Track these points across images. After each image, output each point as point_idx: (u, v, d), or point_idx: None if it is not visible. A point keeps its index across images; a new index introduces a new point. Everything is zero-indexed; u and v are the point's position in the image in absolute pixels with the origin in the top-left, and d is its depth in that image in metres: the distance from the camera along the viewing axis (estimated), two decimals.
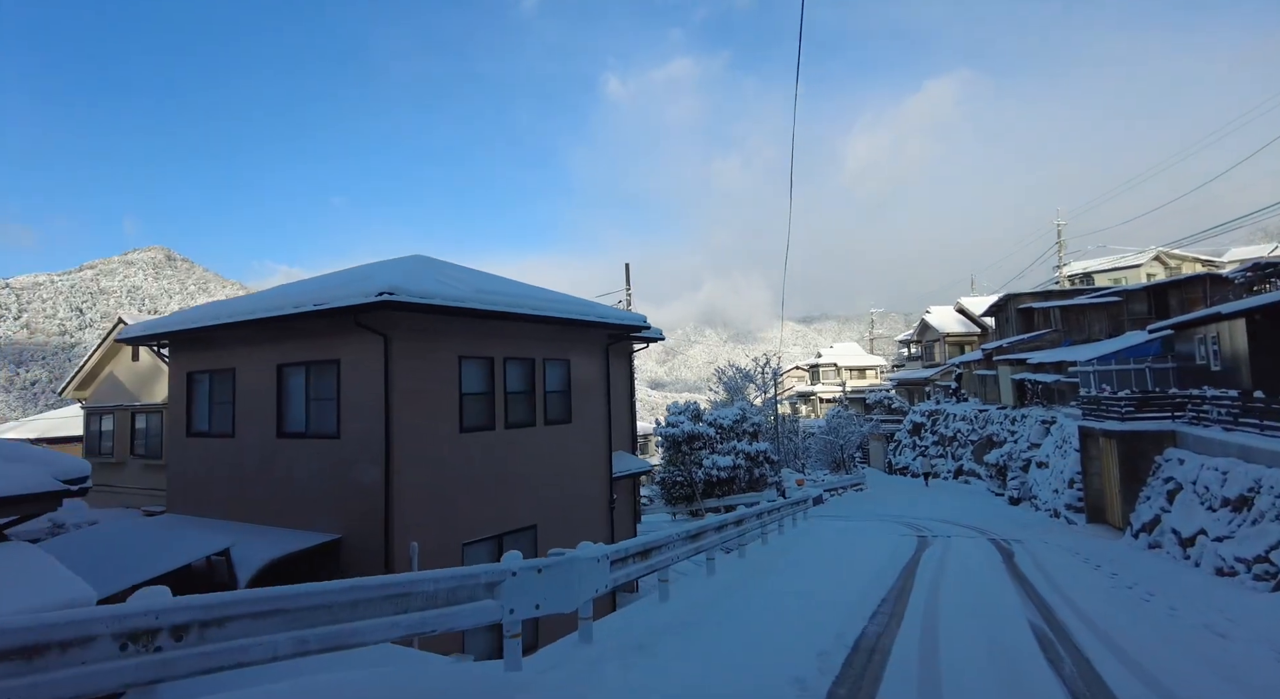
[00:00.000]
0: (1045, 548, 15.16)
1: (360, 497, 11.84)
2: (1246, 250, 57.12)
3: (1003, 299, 40.95)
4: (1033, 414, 31.98)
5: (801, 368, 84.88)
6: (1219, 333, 21.36)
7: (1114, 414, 17.81)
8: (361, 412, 12.00)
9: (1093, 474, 20.36)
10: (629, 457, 19.30)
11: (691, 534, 9.45)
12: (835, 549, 14.30)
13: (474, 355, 13.23)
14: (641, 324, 16.76)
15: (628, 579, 7.18)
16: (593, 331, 16.10)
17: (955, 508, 27.33)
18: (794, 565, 11.84)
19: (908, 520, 23.30)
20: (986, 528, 20.98)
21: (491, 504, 13.24)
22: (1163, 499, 15.46)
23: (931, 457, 42.17)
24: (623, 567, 7.12)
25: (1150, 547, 15.19)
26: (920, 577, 10.70)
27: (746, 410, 34.72)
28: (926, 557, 13.24)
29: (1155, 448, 16.65)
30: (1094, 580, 10.66)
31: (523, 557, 5.83)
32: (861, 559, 12.71)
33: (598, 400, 16.37)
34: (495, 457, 13.47)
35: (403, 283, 11.57)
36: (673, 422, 33.61)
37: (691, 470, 32.82)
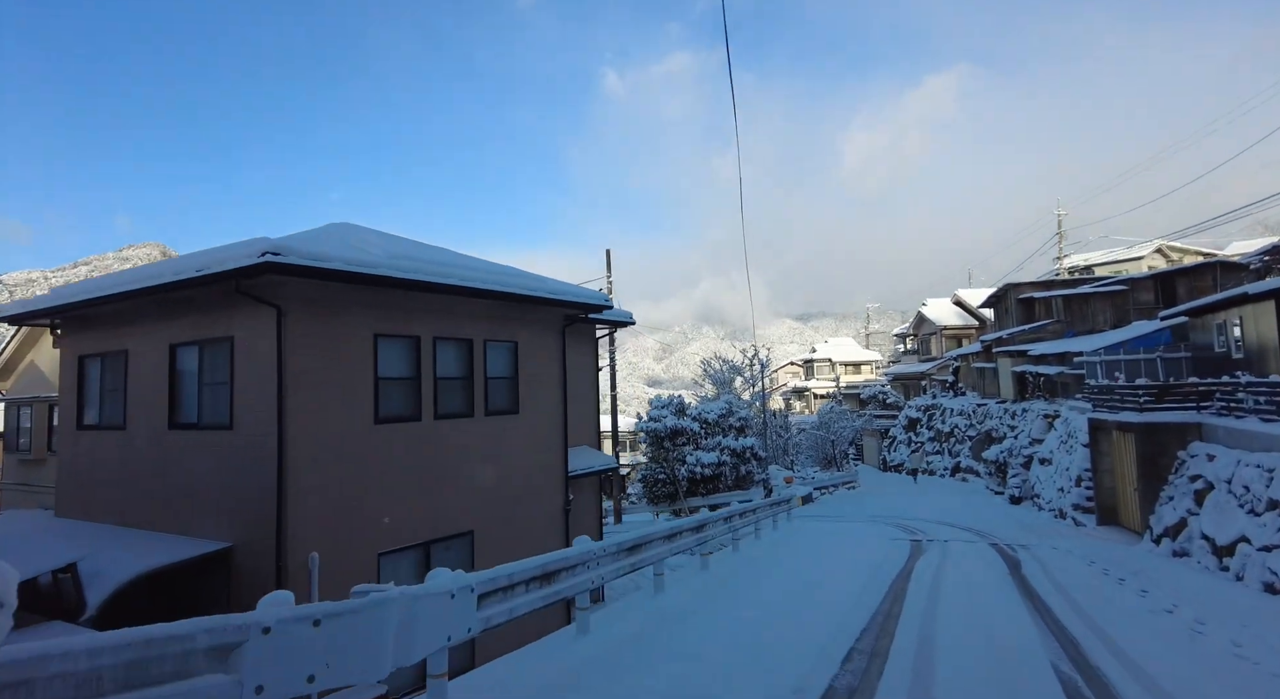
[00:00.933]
0: (1055, 555, 13.21)
1: (252, 498, 9.90)
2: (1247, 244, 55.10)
3: (1002, 289, 38.97)
4: (1034, 408, 30.02)
5: (796, 363, 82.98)
6: (1242, 317, 19.38)
7: (1130, 404, 15.85)
8: (254, 399, 10.04)
9: (1104, 471, 18.40)
10: (594, 452, 17.35)
11: (629, 547, 7.50)
12: (816, 558, 12.35)
13: (394, 334, 11.26)
14: (602, 303, 14.78)
15: (512, 616, 5.23)
16: (545, 310, 14.13)
17: (952, 508, 25.37)
18: (764, 580, 9.89)
19: (901, 521, 21.34)
20: (987, 530, 19.02)
21: (417, 507, 11.28)
22: (1189, 500, 13.51)
23: (928, 453, 40.20)
24: (504, 598, 5.17)
25: (1175, 554, 13.24)
26: (912, 597, 8.74)
27: (733, 404, 32.77)
28: (920, 568, 11.29)
29: (1178, 442, 14.69)
30: (1122, 601, 8.70)
31: (465, 568, 3.96)
32: (844, 572, 10.77)
33: (551, 389, 14.40)
34: (422, 452, 11.51)
35: (294, 243, 9.61)
36: (655, 416, 31.64)
37: (674, 467, 30.87)
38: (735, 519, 12.67)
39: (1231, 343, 20.21)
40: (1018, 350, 34.33)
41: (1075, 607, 8.15)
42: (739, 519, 12.93)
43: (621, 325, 18.35)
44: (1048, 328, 34.91)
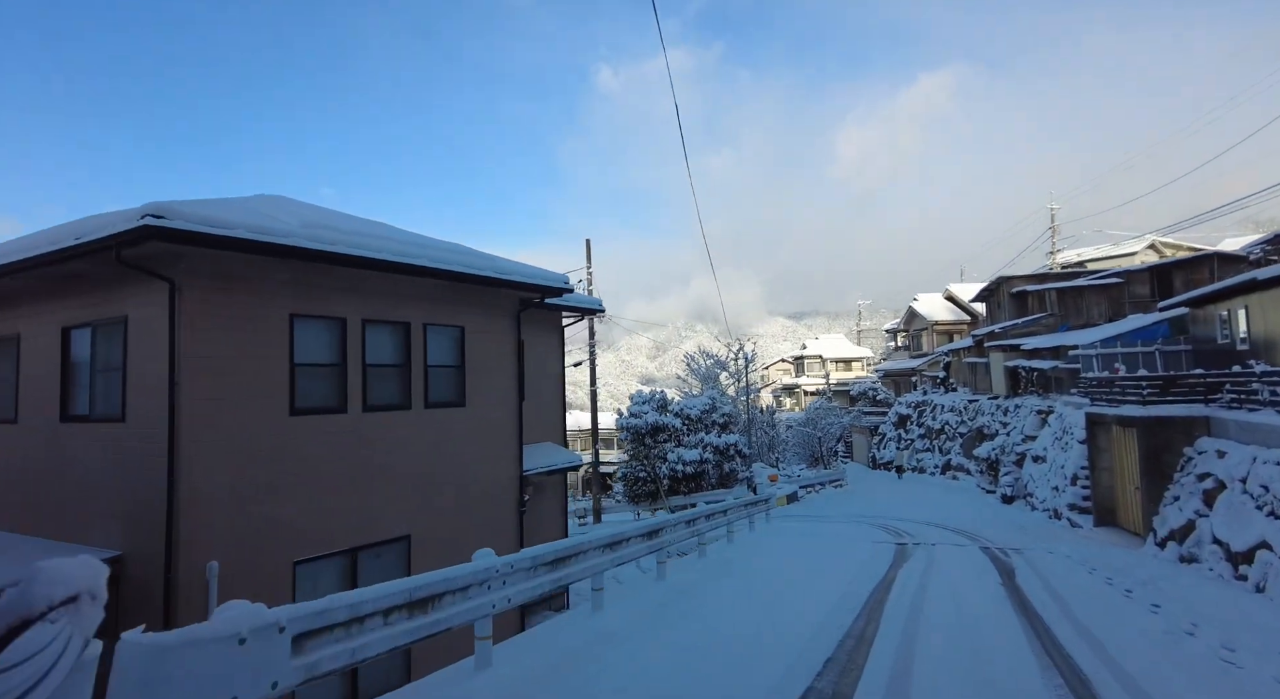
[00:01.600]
0: (1052, 561, 12.02)
1: (144, 500, 8.62)
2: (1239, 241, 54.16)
3: (994, 282, 37.84)
4: (1027, 404, 28.89)
5: (787, 360, 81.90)
6: (1248, 306, 18.28)
7: (1133, 398, 14.67)
8: (148, 387, 8.76)
9: (1102, 469, 17.23)
10: (557, 449, 16.10)
11: (551, 560, 6.25)
12: (789, 566, 11.13)
13: (315, 315, 9.97)
14: (562, 285, 13.50)
15: (358, 658, 3.97)
16: (496, 293, 12.85)
17: (942, 507, 24.20)
18: (726, 593, 8.65)
19: (887, 522, 20.16)
20: (978, 532, 17.84)
21: (342, 509, 10.01)
22: (1197, 500, 12.34)
23: (918, 451, 39.06)
24: (345, 636, 3.91)
25: (1183, 560, 12.07)
26: (890, 615, 7.51)
27: (717, 400, 31.54)
28: (903, 577, 10.07)
29: (1184, 438, 13.52)
30: (1134, 619, 7.48)
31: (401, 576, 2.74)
32: (818, 582, 9.54)
33: (504, 379, 13.13)
34: (347, 447, 10.23)
35: (187, 207, 8.32)
36: (636, 412, 30.39)
37: (655, 466, 29.63)
38: (700, 522, 11.43)
39: (1236, 334, 19.09)
40: (1010, 345, 33.21)
41: (1081, 628, 6.93)
42: (705, 521, 11.69)
43: (590, 313, 17.10)
44: (1041, 321, 33.78)
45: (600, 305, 17.28)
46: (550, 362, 16.79)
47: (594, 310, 17.10)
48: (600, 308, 17.27)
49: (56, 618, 2.16)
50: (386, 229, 11.63)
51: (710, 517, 12.00)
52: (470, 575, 5.04)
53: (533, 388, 15.96)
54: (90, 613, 2.29)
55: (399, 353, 11.17)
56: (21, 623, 1.95)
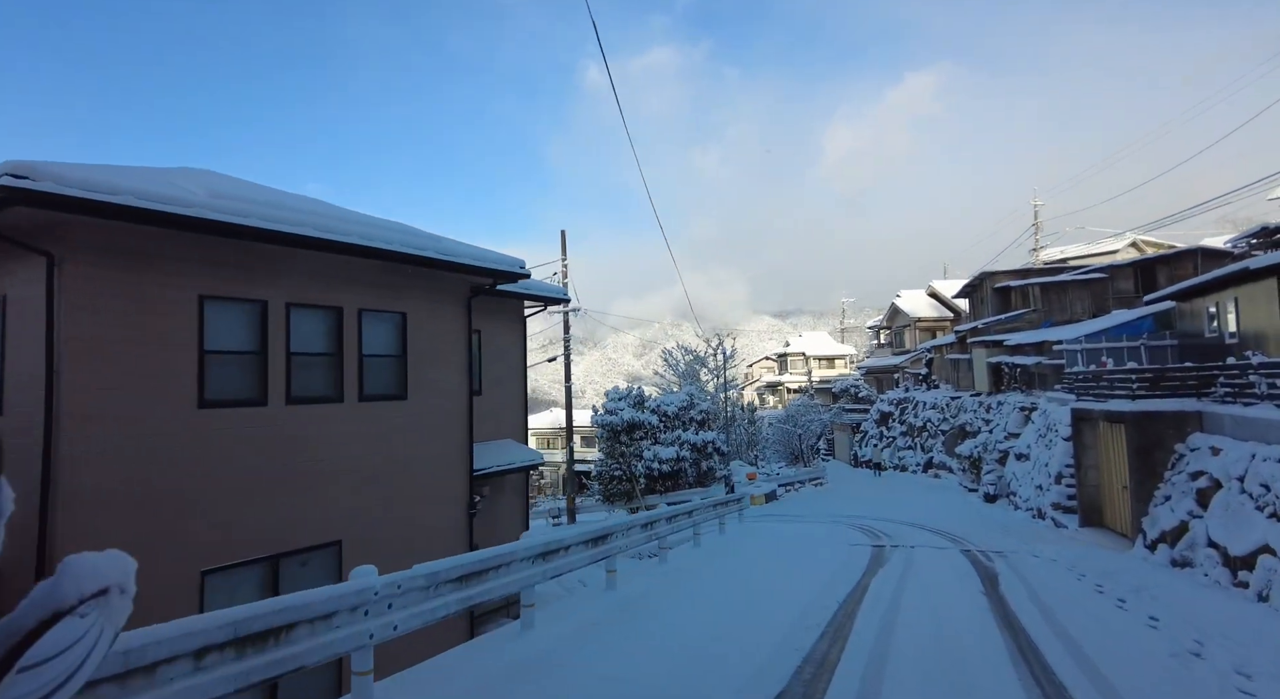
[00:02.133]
0: (1037, 565, 11.21)
1: (19, 501, 7.55)
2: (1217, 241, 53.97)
3: (978, 278, 37.20)
4: (1010, 400, 28.22)
5: (771, 358, 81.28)
6: (1238, 299, 17.58)
7: (1121, 392, 13.91)
8: (27, 374, 7.74)
9: (1088, 467, 16.48)
10: (516, 447, 15.12)
11: (460, 576, 5.29)
12: (756, 572, 10.23)
13: (229, 297, 8.93)
14: (518, 271, 12.50)
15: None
16: (443, 277, 11.85)
17: (923, 507, 23.43)
18: (680, 606, 7.74)
19: (867, 523, 19.34)
20: (959, 533, 17.05)
21: (261, 512, 8.98)
22: (1190, 500, 11.57)
23: (900, 448, 38.37)
24: (121, 691, 2.96)
25: (1175, 564, 11.29)
26: (860, 631, 6.63)
27: (694, 396, 30.63)
28: (878, 585, 9.20)
29: (1176, 434, 12.76)
30: (1132, 637, 6.63)
31: None
32: (785, 591, 8.65)
33: (453, 371, 12.14)
34: (268, 444, 9.20)
35: (62, 170, 7.27)
36: (611, 408, 29.42)
37: (631, 464, 28.68)
38: (660, 524, 10.50)
39: (1225, 328, 18.41)
40: (993, 341, 32.57)
41: (1074, 649, 6.06)
42: (666, 524, 10.76)
43: (553, 302, 16.11)
44: (1024, 317, 33.15)
45: (564, 294, 16.31)
46: (511, 354, 15.81)
47: (557, 299, 16.12)
48: (564, 297, 16.30)
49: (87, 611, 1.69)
50: (317, 204, 10.59)
51: (672, 519, 11.08)
52: (336, 599, 4.07)
53: (491, 381, 15.00)
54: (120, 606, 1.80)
55: (330, 340, 10.16)
56: (53, 616, 1.58)
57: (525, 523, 15.80)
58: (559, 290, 16.17)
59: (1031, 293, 33.82)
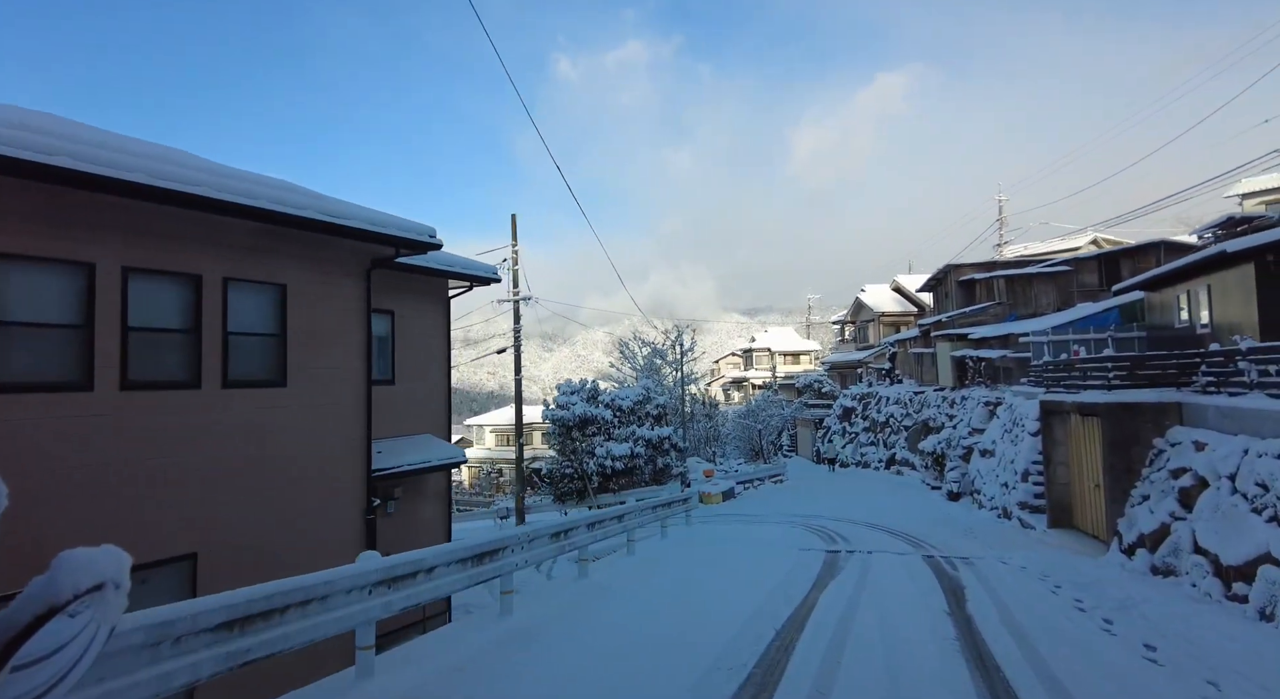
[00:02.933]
0: (1007, 574, 9.95)
1: None
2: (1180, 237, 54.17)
3: (942, 271, 36.33)
4: (974, 395, 27.25)
5: (736, 354, 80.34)
6: (1210, 287, 16.62)
7: (1096, 382, 12.75)
8: None
9: (1057, 464, 15.36)
10: (437, 443, 13.50)
11: (221, 622, 3.72)
12: (688, 587, 8.77)
13: (40, 256, 7.23)
14: (427, 240, 10.86)
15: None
16: (335, 245, 10.18)
17: (884, 505, 22.28)
18: (589, 634, 6.25)
19: (824, 523, 18.07)
20: (921, 535, 15.83)
21: (85, 521, 7.29)
22: (1172, 500, 10.40)
23: (862, 444, 37.38)
24: None
25: (1156, 572, 10.10)
26: (794, 675, 5.19)
27: (651, 390, 29.19)
28: (826, 603, 7.81)
29: (1155, 427, 11.62)
30: (1132, 676, 5.29)
31: None
32: (714, 615, 7.19)
33: (347, 354, 10.49)
34: (93, 437, 7.49)
35: None
36: (563, 403, 27.85)
37: (583, 461, 27.17)
38: (579, 532, 9.00)
39: (1196, 318, 17.47)
40: (958, 334, 31.66)
41: (1057, 687, 4.69)
42: (587, 532, 9.25)
43: (480, 282, 14.48)
44: (989, 310, 32.32)
45: (494, 273, 14.66)
46: (433, 339, 14.17)
47: (485, 279, 14.47)
48: (494, 276, 14.66)
49: (82, 607, 2.18)
50: (169, 152, 8.82)
51: (596, 525, 9.58)
52: None
53: (408, 369, 13.36)
54: (115, 601, 2.35)
55: (184, 315, 8.46)
56: (49, 610, 1.98)
57: (447, 529, 14.20)
58: (488, 269, 14.52)
59: (996, 286, 33.02)
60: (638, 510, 11.43)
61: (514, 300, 27.46)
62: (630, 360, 33.89)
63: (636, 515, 11.53)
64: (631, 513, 11.03)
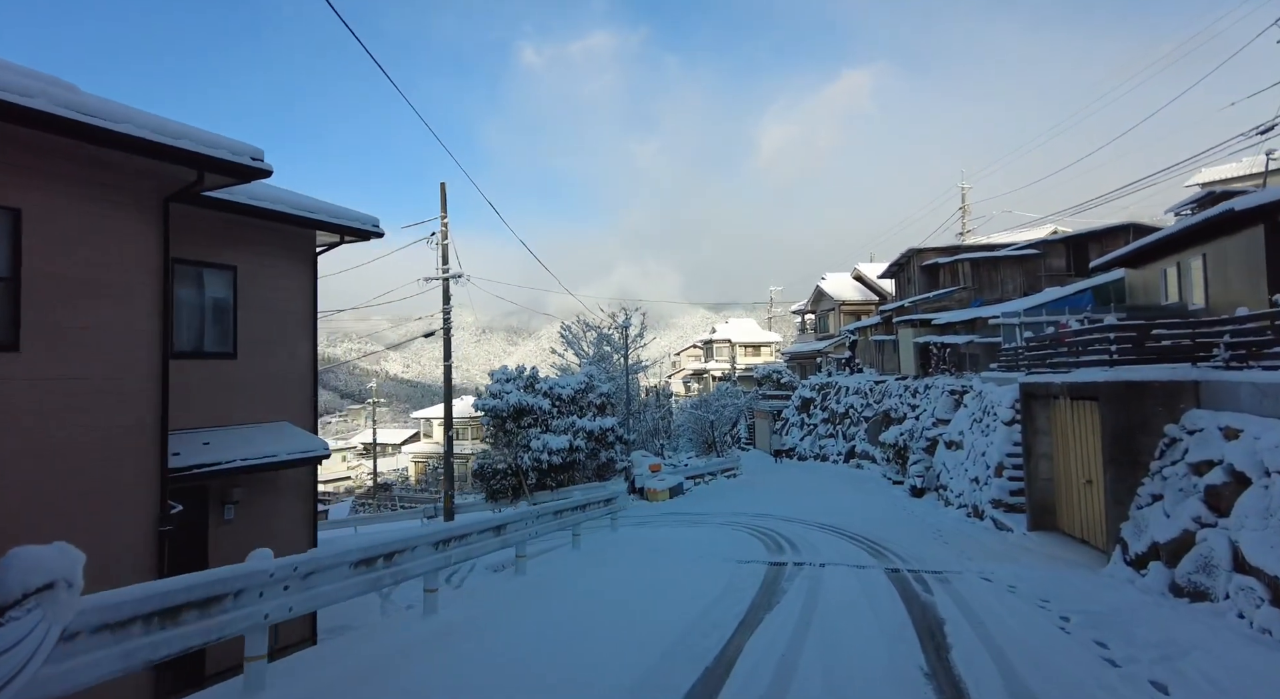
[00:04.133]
0: (995, 600, 7.62)
1: None
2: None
3: (904, 256, 34.39)
4: (939, 383, 25.23)
5: (697, 345, 78.21)
6: (1206, 257, 14.62)
7: (1094, 357, 10.53)
8: None
9: (1039, 456, 13.19)
10: (294, 433, 10.76)
11: None
12: (576, 629, 6.26)
13: None
14: (247, 162, 8.07)
15: None
16: (104, 163, 7.47)
17: (842, 502, 20.06)
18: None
19: (774, 524, 15.73)
20: (883, 539, 13.55)
21: None
22: (1196, 502, 8.20)
23: (821, 436, 35.31)
24: None
25: (1180, 592, 7.89)
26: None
27: (595, 378, 26.60)
28: (755, 650, 5.40)
29: (1167, 412, 9.43)
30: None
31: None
32: (606, 662, 4.76)
33: (130, 311, 7.69)
34: None
35: None
36: (496, 391, 25.11)
37: (518, 454, 24.49)
38: (422, 553, 6.42)
39: (1188, 295, 15.44)
40: (921, 319, 29.69)
41: None
42: (435, 553, 6.66)
43: (355, 235, 11.73)
44: (954, 295, 30.43)
45: (373, 225, 11.89)
46: (294, 304, 11.39)
47: (361, 230, 11.71)
48: (373, 229, 11.88)
49: (32, 606, 2.18)
50: None
51: (453, 541, 6.97)
52: None
53: (254, 341, 10.61)
54: (67, 601, 2.37)
55: None
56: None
57: (312, 535, 11.48)
58: (365, 219, 11.77)
59: (961, 270, 31.14)
60: (527, 519, 8.84)
61: (443, 278, 24.73)
62: (573, 346, 31.18)
63: (530, 524, 8.94)
64: (517, 522, 8.45)
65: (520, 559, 8.83)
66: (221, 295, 10.33)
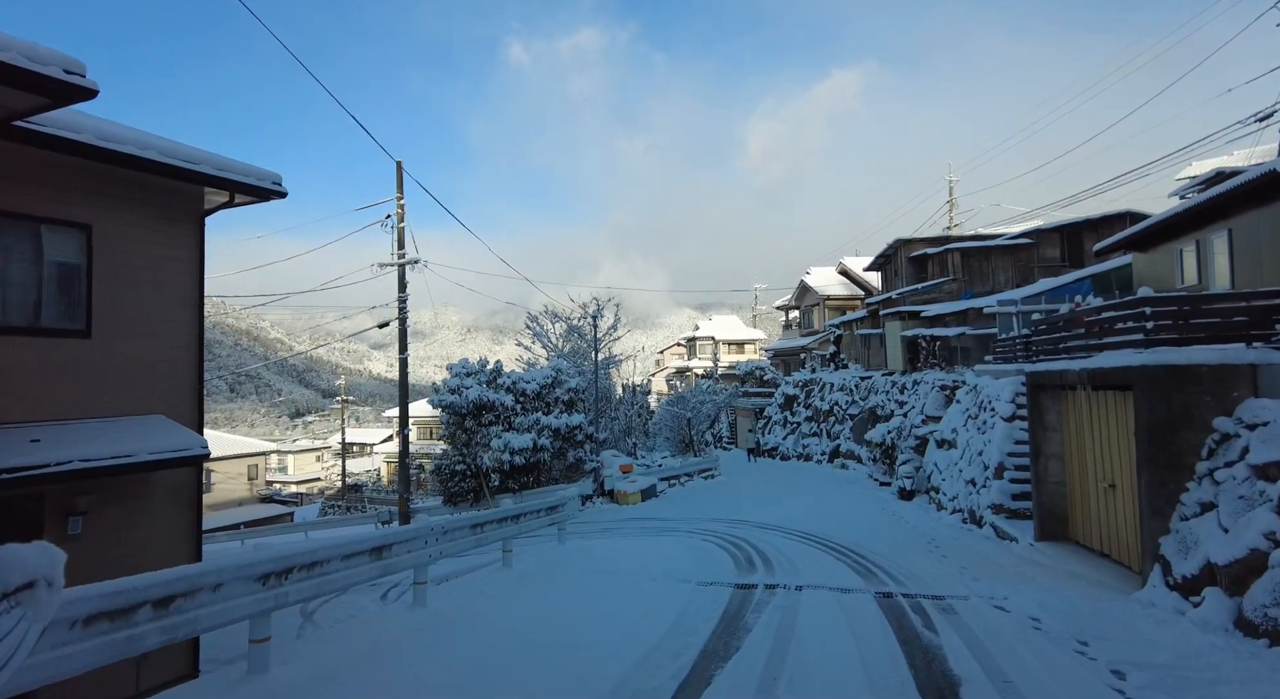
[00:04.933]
0: (1020, 642, 5.85)
1: None
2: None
3: (892, 247, 32.74)
4: (928, 378, 23.58)
5: (681, 343, 76.50)
6: (1232, 233, 12.98)
7: (1126, 338, 8.77)
8: None
9: (1049, 456, 11.46)
10: (167, 427, 8.81)
11: None
12: (488, 678, 4.44)
13: None
14: (59, 76, 6.18)
15: None
16: None
17: (825, 506, 18.31)
18: None
19: (746, 533, 13.92)
20: (872, 551, 11.76)
21: None
22: (1269, 514, 6.47)
23: (804, 435, 33.60)
24: None
25: (1252, 631, 6.16)
26: None
27: (563, 372, 24.72)
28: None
29: (1215, 403, 7.73)
30: None
31: None
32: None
33: None
34: None
35: None
36: (455, 386, 23.16)
37: (477, 454, 22.58)
38: (292, 578, 4.58)
39: (1207, 280, 13.82)
40: (909, 312, 28.06)
41: None
42: (305, 578, 4.82)
43: (250, 194, 9.79)
44: (943, 287, 28.81)
45: (273, 183, 9.94)
46: (173, 274, 9.43)
47: (258, 188, 9.74)
48: (273, 187, 9.92)
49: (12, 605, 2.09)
50: None
51: (293, 572, 5.12)
52: None
53: (118, 317, 8.69)
54: (48, 600, 2.23)
55: None
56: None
57: (195, 549, 9.55)
58: (264, 174, 9.81)
59: (951, 261, 29.54)
60: (427, 536, 6.96)
61: (398, 264, 22.76)
62: (541, 339, 29.25)
63: (432, 542, 7.07)
64: (407, 542, 6.58)
65: (419, 587, 6.96)
66: (69, 259, 8.38)
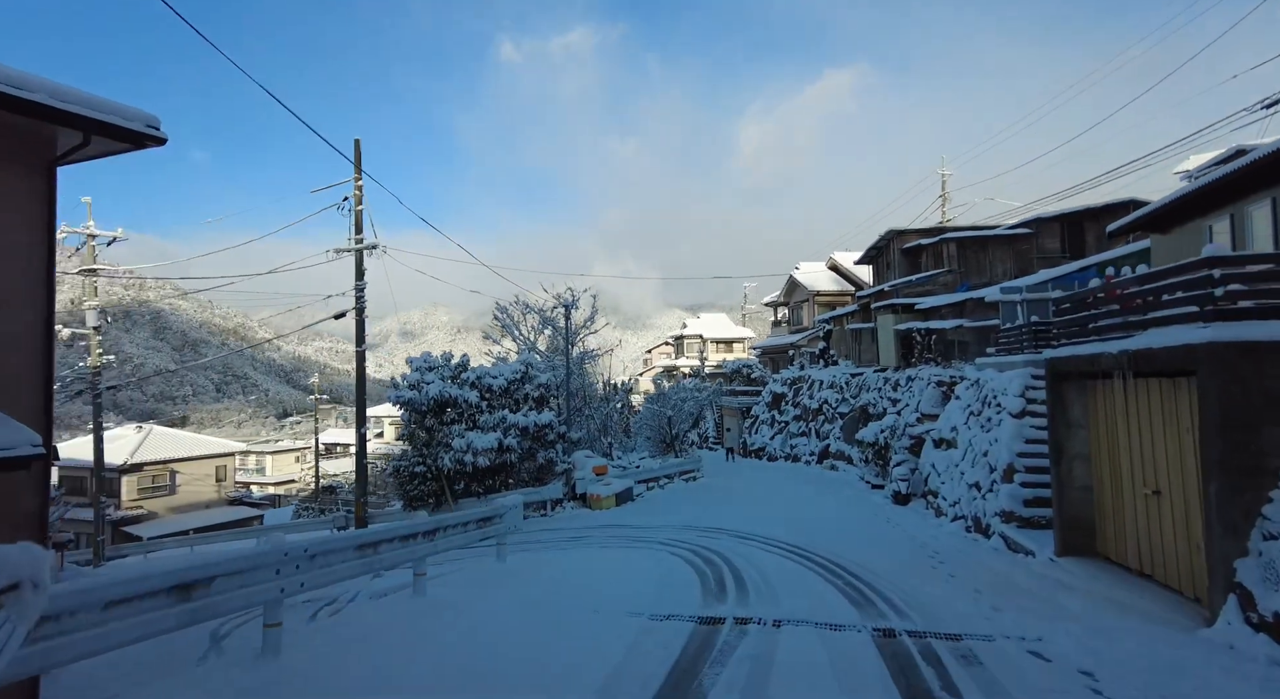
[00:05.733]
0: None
1: None
2: None
3: (884, 238, 31.13)
4: (923, 374, 21.94)
5: (669, 342, 74.86)
6: (1275, 200, 11.40)
7: (1183, 310, 7.07)
8: None
9: (1072, 457, 9.78)
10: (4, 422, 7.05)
11: None
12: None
13: None
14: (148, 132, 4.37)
15: None
16: None
17: (814, 513, 16.59)
18: None
19: (724, 545, 12.18)
20: (866, 567, 10.03)
21: None
22: None
23: (793, 435, 31.93)
24: None
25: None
26: None
27: (532, 366, 22.92)
28: None
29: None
30: None
31: None
32: None
33: None
34: None
35: None
36: (415, 381, 21.33)
37: (439, 455, 20.77)
38: None
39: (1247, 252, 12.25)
40: (903, 305, 26.44)
41: None
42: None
43: (122, 139, 7.96)
44: (938, 279, 27.20)
45: (150, 124, 8.13)
46: (8, 235, 7.65)
47: (125, 130, 7.92)
48: (147, 130, 8.09)
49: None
50: None
51: (202, 584, 3.41)
52: None
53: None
54: (33, 602, 2.19)
55: None
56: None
57: None
58: (132, 114, 8.04)
59: (946, 252, 27.92)
60: (282, 562, 5.21)
61: (355, 250, 20.96)
62: (510, 330, 27.41)
63: (291, 571, 5.31)
64: (242, 573, 4.83)
65: (271, 629, 5.19)
66: None
